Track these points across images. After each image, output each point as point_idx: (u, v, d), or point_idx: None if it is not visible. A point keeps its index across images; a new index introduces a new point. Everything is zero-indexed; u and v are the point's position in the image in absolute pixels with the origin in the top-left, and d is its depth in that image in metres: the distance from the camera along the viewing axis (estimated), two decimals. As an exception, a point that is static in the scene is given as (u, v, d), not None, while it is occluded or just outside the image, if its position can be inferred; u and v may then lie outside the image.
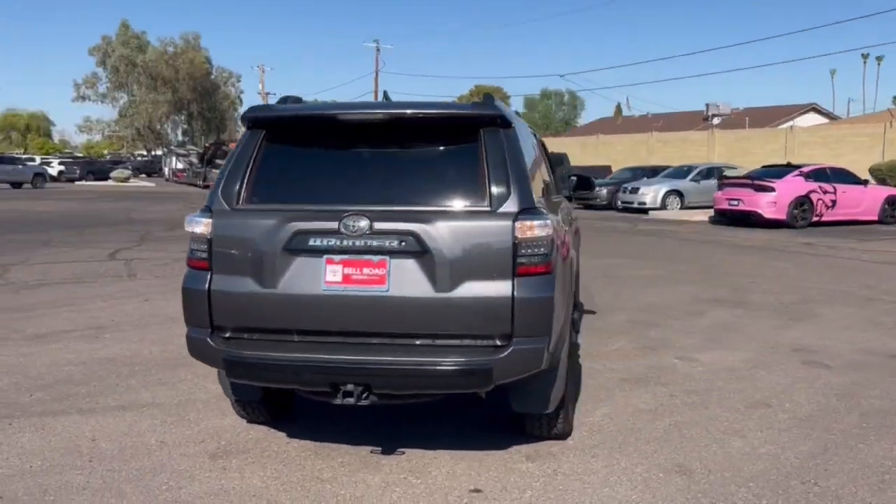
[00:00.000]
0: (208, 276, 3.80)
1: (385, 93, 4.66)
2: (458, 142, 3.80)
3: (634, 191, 24.22)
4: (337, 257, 3.63)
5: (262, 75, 66.63)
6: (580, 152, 39.29)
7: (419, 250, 3.57)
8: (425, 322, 3.61)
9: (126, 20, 70.28)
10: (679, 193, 23.93)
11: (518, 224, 3.58)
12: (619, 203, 24.69)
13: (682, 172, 25.21)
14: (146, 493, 3.69)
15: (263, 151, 3.92)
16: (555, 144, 40.53)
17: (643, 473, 3.93)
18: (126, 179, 48.66)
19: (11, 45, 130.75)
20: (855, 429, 4.59)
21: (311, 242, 3.63)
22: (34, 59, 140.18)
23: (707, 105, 51.07)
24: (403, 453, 4.17)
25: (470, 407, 4.81)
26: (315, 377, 3.64)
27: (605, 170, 31.10)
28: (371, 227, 3.59)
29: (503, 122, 3.78)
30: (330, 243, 3.62)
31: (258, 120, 3.98)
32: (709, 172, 24.24)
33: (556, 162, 25.16)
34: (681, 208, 23.62)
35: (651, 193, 23.76)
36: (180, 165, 53.38)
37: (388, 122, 3.84)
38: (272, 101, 14.01)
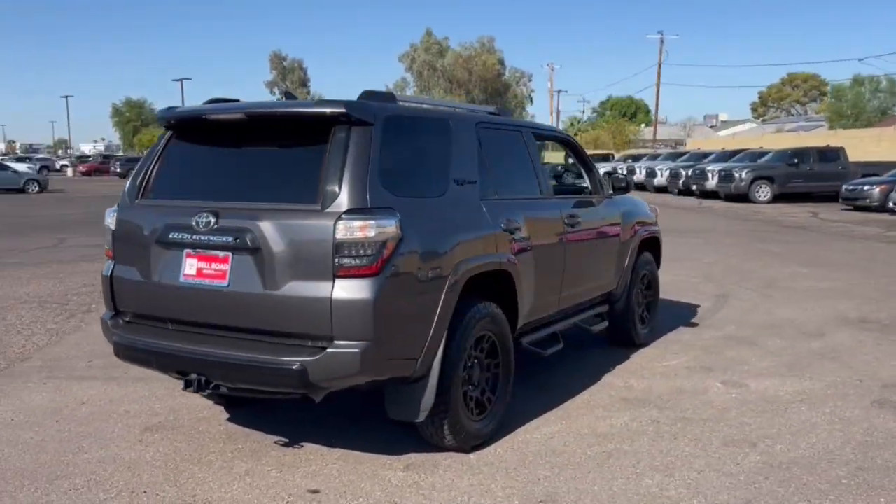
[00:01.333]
0: (112, 265, 4.21)
1: (287, 92, 4.72)
2: (310, 140, 3.77)
3: (908, 190, 20.85)
4: (194, 251, 3.83)
5: (552, 74, 68.46)
6: (875, 146, 34.58)
7: (252, 247, 3.64)
8: (258, 319, 3.67)
9: (430, 28, 75.84)
10: (968, 194, 20.15)
11: (340, 224, 3.49)
12: (892, 204, 21.38)
13: (976, 169, 21.19)
14: (59, 453, 4.19)
15: (167, 150, 4.23)
16: (842, 138, 36.04)
17: (501, 500, 3.61)
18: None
19: (335, 55, 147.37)
20: (825, 484, 3.77)
21: (172, 236, 3.86)
22: (354, 67, 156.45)
23: None
24: (302, 447, 4.26)
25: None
26: (167, 364, 3.90)
27: (890, 166, 27.06)
28: (217, 223, 3.73)
29: (356, 121, 3.69)
30: (186, 238, 3.82)
31: (164, 120, 4.30)
32: None
33: (829, 157, 22.42)
34: (970, 211, 19.89)
35: (928, 194, 20.28)
36: None
37: (248, 121, 3.94)
38: (562, 98, 14.19)
